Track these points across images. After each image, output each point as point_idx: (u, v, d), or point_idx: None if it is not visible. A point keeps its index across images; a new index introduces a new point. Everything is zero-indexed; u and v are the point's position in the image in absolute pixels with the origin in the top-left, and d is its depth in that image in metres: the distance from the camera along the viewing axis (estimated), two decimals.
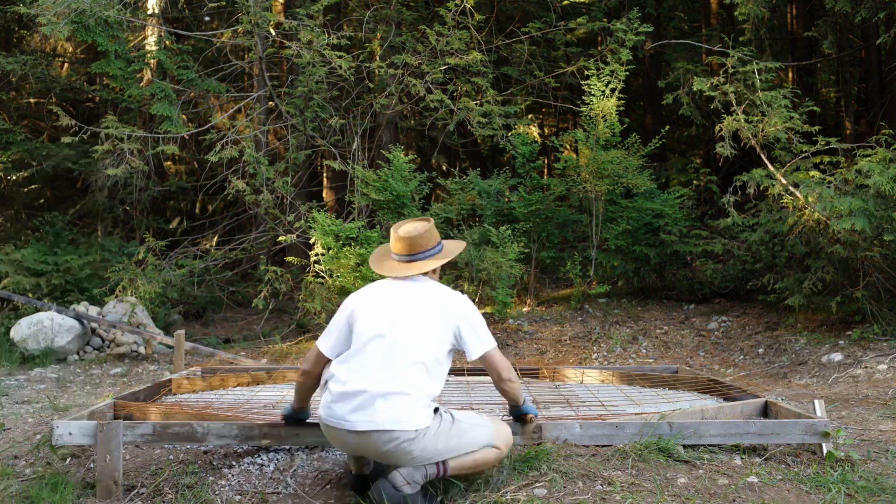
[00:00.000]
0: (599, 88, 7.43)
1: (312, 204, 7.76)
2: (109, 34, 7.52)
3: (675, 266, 7.84)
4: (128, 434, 2.91)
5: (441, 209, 7.30)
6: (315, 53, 7.70)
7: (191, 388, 4.13)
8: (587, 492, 2.63)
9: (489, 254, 6.63)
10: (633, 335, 6.56)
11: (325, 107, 8.45)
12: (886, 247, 5.36)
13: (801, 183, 5.78)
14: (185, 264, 8.46)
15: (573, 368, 4.66)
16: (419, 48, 8.12)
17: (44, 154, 9.63)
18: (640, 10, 8.13)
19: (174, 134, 8.09)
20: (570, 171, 7.53)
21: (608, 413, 3.39)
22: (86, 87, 11.08)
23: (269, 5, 8.71)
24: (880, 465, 2.95)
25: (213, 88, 9.13)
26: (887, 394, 4.18)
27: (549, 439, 2.98)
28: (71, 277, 8.23)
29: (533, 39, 9.45)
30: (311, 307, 6.89)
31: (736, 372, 5.59)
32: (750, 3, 7.42)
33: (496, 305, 6.73)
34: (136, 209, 10.58)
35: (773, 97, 6.24)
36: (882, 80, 9.33)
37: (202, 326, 8.95)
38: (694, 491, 2.65)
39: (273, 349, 7.07)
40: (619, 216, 7.48)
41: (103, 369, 6.69)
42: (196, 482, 2.85)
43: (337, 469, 2.89)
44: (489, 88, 8.35)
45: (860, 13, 7.04)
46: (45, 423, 3.68)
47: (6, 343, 7.10)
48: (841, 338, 5.60)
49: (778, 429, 3.00)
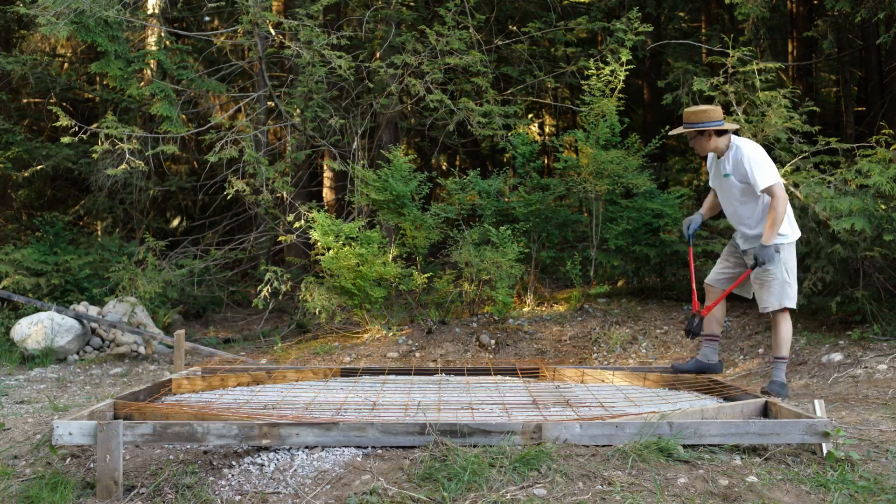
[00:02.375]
0: (599, 88, 7.43)
1: (312, 204, 7.76)
2: (109, 34, 7.51)
3: (675, 266, 7.84)
4: (128, 434, 2.91)
5: (441, 209, 7.30)
6: (315, 53, 7.69)
7: (191, 388, 4.13)
8: (587, 492, 2.63)
9: (489, 254, 6.63)
10: (633, 335, 6.56)
11: (325, 107, 8.44)
12: (886, 247, 5.36)
13: (801, 183, 5.79)
14: (185, 264, 8.46)
15: (573, 368, 4.66)
16: (419, 48, 8.12)
17: (44, 154, 9.63)
18: (640, 10, 8.12)
19: (174, 134, 8.09)
20: (570, 171, 7.53)
21: (608, 413, 3.39)
22: (86, 87, 11.08)
23: (269, 5, 8.71)
24: (880, 465, 2.95)
25: (213, 88, 9.13)
26: (887, 394, 4.18)
27: (549, 439, 2.98)
28: (71, 277, 8.23)
29: (533, 39, 9.45)
30: (311, 307, 6.89)
31: (736, 372, 5.59)
32: (750, 3, 7.42)
33: (496, 305, 6.73)
34: (136, 209, 10.58)
35: (773, 97, 6.24)
36: (882, 80, 9.33)
37: (202, 326, 8.95)
38: (694, 491, 2.65)
39: (274, 352, 7.07)
40: (619, 216, 7.48)
41: (103, 369, 6.69)
42: (196, 482, 2.85)
43: (337, 469, 2.89)
44: (489, 88, 8.35)
45: (860, 13, 7.04)
46: (45, 423, 3.68)
47: (6, 343, 7.10)
48: (841, 338, 5.60)
49: (778, 429, 3.01)
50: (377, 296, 6.69)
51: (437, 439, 2.95)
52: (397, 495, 2.66)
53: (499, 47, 9.46)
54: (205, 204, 10.82)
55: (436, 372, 4.70)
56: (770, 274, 4.17)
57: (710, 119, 4.14)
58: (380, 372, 4.70)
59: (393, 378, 4.55)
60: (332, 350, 6.71)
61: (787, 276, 4.18)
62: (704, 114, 4.15)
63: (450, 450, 2.88)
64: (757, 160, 4.06)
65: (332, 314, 6.95)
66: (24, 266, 8.03)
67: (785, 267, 4.18)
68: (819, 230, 5.68)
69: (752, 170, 4.04)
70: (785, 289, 4.18)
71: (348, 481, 2.79)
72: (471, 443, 2.97)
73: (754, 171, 4.03)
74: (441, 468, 2.78)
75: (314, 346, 6.98)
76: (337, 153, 8.53)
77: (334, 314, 6.99)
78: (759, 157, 4.09)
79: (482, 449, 2.92)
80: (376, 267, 6.56)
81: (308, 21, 7.57)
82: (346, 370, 4.71)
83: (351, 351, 6.59)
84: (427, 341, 6.57)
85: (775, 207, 3.98)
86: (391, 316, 7.09)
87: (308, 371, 4.58)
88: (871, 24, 8.29)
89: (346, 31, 8.34)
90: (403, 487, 2.71)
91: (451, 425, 2.99)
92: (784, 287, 4.18)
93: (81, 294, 8.20)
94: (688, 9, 12.20)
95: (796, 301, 4.28)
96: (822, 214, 5.43)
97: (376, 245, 6.75)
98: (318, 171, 11.27)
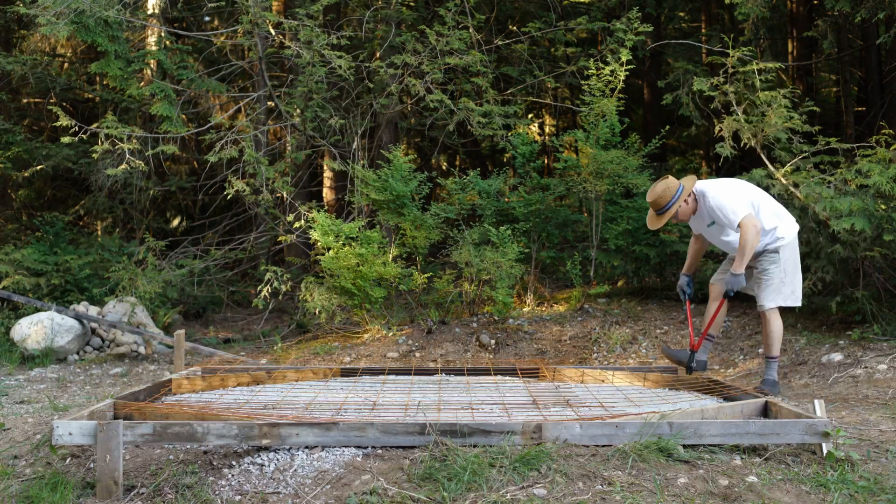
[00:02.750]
0: (599, 88, 7.43)
1: (312, 204, 7.76)
2: (109, 34, 7.51)
3: (675, 266, 7.83)
4: (128, 434, 2.91)
5: (441, 209, 7.30)
6: (315, 53, 7.70)
7: (191, 388, 4.13)
8: (587, 492, 2.63)
9: (489, 254, 6.63)
10: (633, 335, 6.56)
11: (325, 107, 8.44)
12: (886, 247, 5.36)
13: (801, 183, 5.78)
14: (185, 264, 8.46)
15: (573, 368, 4.66)
16: (419, 48, 8.12)
17: (44, 154, 9.63)
18: (640, 10, 8.12)
19: (174, 134, 8.09)
20: (570, 171, 7.53)
21: (608, 413, 3.39)
22: (86, 87, 11.08)
23: (269, 5, 8.71)
24: (880, 465, 2.95)
25: (213, 88, 9.13)
26: (887, 394, 4.18)
27: (549, 439, 2.98)
28: (71, 277, 8.23)
29: (533, 39, 9.44)
30: (311, 307, 6.89)
31: (736, 372, 5.59)
32: (750, 3, 7.41)
33: (496, 305, 6.73)
34: (136, 209, 10.58)
35: (773, 97, 6.23)
36: (882, 80, 9.33)
37: (202, 326, 8.95)
38: (694, 491, 2.65)
39: (274, 352, 7.07)
40: (619, 216, 7.48)
41: (103, 369, 6.69)
42: (196, 482, 2.85)
43: (337, 469, 2.89)
44: (489, 88, 8.35)
45: (860, 13, 7.04)
46: (45, 423, 3.68)
47: (6, 343, 7.10)
48: (841, 338, 5.60)
49: (778, 429, 3.01)
50: (377, 296, 6.69)
51: (437, 439, 2.95)
52: (397, 495, 2.66)
53: (499, 47, 9.46)
54: (205, 204, 10.82)
55: (436, 372, 4.70)
56: (769, 274, 4.33)
57: (675, 190, 4.27)
58: (380, 372, 4.70)
59: (393, 378, 4.55)
60: (332, 350, 6.71)
61: (784, 276, 4.34)
62: (667, 191, 4.27)
63: (450, 450, 2.88)
64: (723, 203, 4.24)
65: (332, 314, 6.95)
66: (24, 266, 8.03)
67: (784, 267, 4.33)
68: (819, 230, 5.67)
69: (723, 214, 4.23)
70: (781, 288, 4.34)
71: (348, 481, 2.79)
72: (471, 443, 2.97)
73: (725, 214, 4.22)
74: (441, 468, 2.78)
75: (314, 346, 6.98)
76: (337, 153, 8.53)
77: (334, 314, 6.99)
78: (724, 199, 4.26)
79: (482, 449, 2.92)
80: (376, 267, 6.56)
81: (308, 21, 7.57)
82: (346, 370, 4.71)
83: (351, 351, 6.59)
84: (427, 341, 6.57)
85: (745, 237, 4.15)
86: (391, 316, 7.09)
87: (308, 371, 4.58)
88: (871, 24, 8.29)
89: (346, 31, 8.34)
90: (403, 487, 2.71)
91: (451, 425, 2.99)
92: (780, 287, 4.34)
93: (81, 294, 8.20)
94: (688, 9, 12.21)
95: (800, 299, 4.39)
96: (822, 214, 5.43)
97: (376, 245, 6.75)
98: (318, 171, 11.27)
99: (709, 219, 4.36)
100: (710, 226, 4.39)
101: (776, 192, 5.92)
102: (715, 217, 4.28)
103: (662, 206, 4.27)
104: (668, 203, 4.25)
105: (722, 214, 4.22)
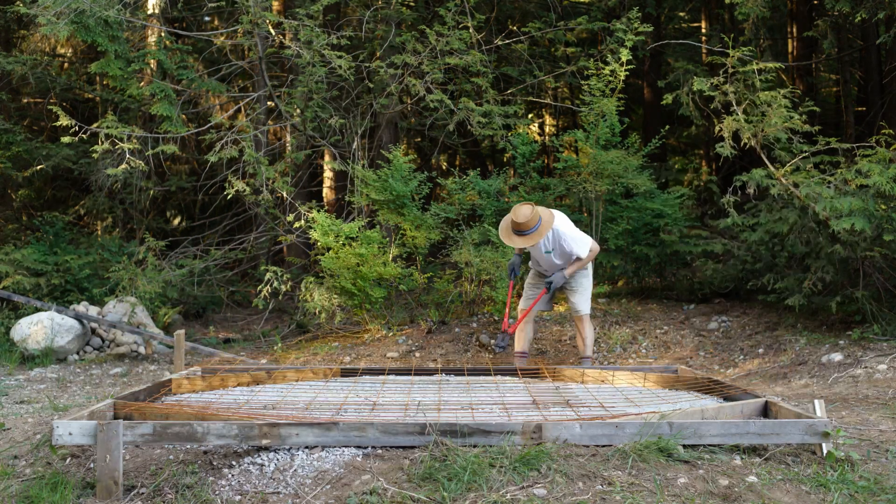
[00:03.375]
0: (599, 88, 7.42)
1: (312, 204, 7.76)
2: (109, 34, 7.51)
3: (675, 266, 7.84)
4: (128, 434, 2.91)
5: (441, 209, 7.30)
6: (315, 53, 7.70)
7: (191, 388, 4.13)
8: (587, 492, 2.63)
9: (489, 254, 6.63)
10: (633, 335, 6.56)
11: (325, 107, 8.45)
12: (886, 247, 5.36)
13: (801, 183, 5.78)
14: (185, 264, 8.46)
15: (573, 368, 4.66)
16: (419, 48, 8.12)
17: (44, 154, 9.62)
18: (640, 10, 8.12)
19: (174, 134, 8.09)
20: (570, 171, 7.53)
21: (608, 413, 3.39)
22: (86, 87, 11.07)
23: (270, 5, 8.71)
24: (880, 465, 2.95)
25: (213, 88, 9.13)
26: (887, 394, 4.18)
27: (549, 439, 2.98)
28: (71, 277, 8.23)
29: (533, 39, 9.44)
30: (311, 307, 6.89)
31: (736, 372, 5.59)
32: (750, 3, 7.41)
33: (496, 305, 6.73)
34: (136, 209, 10.57)
35: (773, 97, 6.23)
36: (882, 80, 9.33)
37: (202, 326, 8.95)
38: (694, 491, 2.65)
39: (274, 352, 7.07)
40: (619, 216, 7.48)
41: (103, 369, 6.69)
42: (196, 482, 2.85)
43: (337, 469, 2.89)
44: (489, 88, 8.35)
45: (860, 13, 7.04)
46: (45, 423, 3.68)
47: (6, 343, 7.10)
48: (841, 338, 5.60)
49: (778, 429, 3.01)
50: (377, 296, 6.69)
51: (437, 439, 2.95)
52: (397, 495, 2.66)
53: (499, 47, 9.46)
54: (205, 204, 10.82)
55: (436, 372, 4.70)
56: (584, 285, 5.18)
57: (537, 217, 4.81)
58: (380, 372, 4.70)
59: (393, 378, 4.55)
60: (332, 350, 6.71)
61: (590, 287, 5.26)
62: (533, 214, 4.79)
63: (450, 450, 2.88)
64: (573, 238, 4.95)
65: (332, 314, 6.95)
66: (24, 266, 8.03)
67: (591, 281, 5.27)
68: (819, 230, 5.68)
69: (573, 247, 4.93)
70: (588, 297, 5.23)
71: (348, 481, 2.79)
72: (471, 443, 2.97)
73: (574, 247, 4.93)
74: (441, 468, 2.78)
75: (314, 346, 6.98)
76: (337, 153, 8.53)
77: (334, 314, 6.99)
78: (573, 233, 4.98)
79: (482, 449, 2.92)
80: (376, 267, 6.56)
81: (308, 21, 7.57)
82: (346, 370, 4.71)
83: (351, 351, 6.59)
84: (427, 341, 6.57)
85: (589, 256, 5.03)
86: (391, 316, 7.09)
87: (308, 371, 4.58)
88: (871, 24, 8.29)
89: (346, 31, 8.34)
90: (403, 487, 2.71)
91: (451, 425, 2.99)
92: (588, 296, 5.22)
93: (81, 294, 8.20)
94: (688, 8, 12.21)
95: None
96: (822, 214, 5.43)
97: (376, 245, 6.75)
98: (318, 171, 11.27)
99: (552, 247, 4.95)
100: (548, 252, 4.99)
101: (776, 192, 5.92)
102: (561, 247, 4.92)
103: (529, 228, 4.79)
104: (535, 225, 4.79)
105: (572, 248, 4.91)
